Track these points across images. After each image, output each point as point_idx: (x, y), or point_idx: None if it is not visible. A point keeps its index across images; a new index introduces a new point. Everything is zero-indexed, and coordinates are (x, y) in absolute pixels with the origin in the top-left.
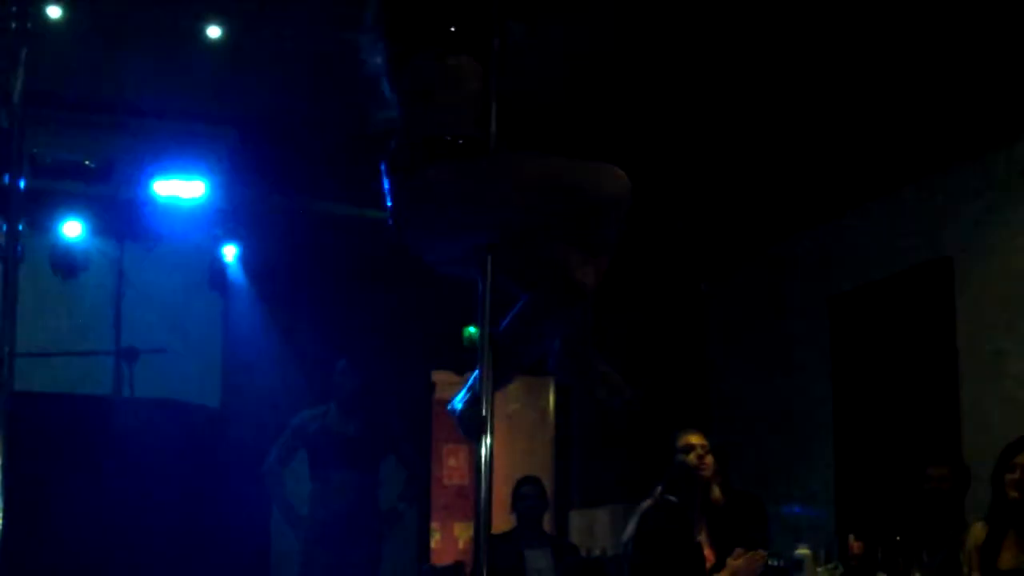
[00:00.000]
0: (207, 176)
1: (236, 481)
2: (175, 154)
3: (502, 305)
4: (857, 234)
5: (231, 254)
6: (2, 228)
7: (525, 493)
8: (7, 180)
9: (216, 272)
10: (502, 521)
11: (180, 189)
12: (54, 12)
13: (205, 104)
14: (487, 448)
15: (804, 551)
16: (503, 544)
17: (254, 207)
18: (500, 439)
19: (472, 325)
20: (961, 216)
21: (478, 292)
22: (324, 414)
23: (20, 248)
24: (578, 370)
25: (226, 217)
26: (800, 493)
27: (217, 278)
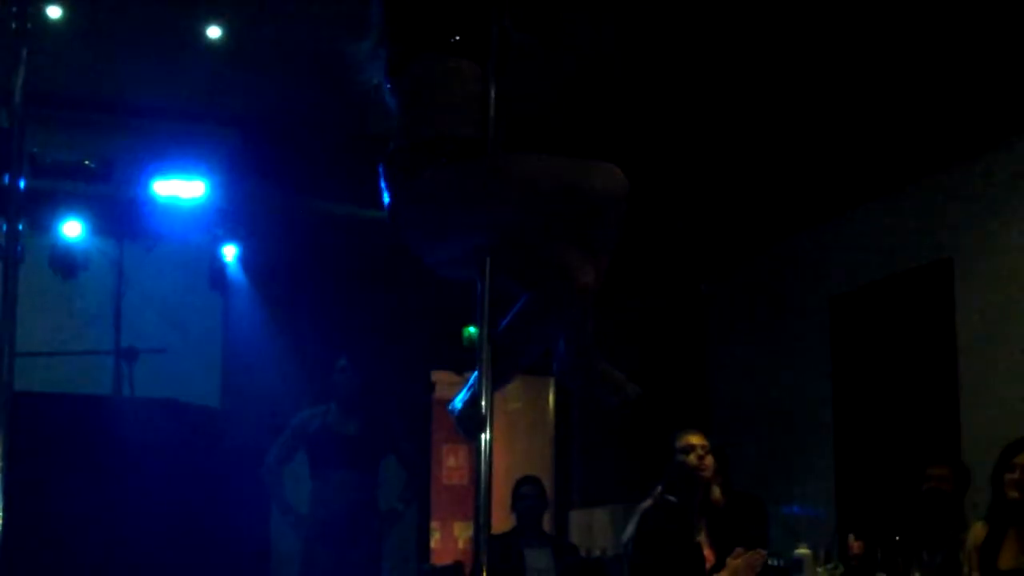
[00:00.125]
0: (207, 176)
1: (236, 480)
2: (175, 154)
3: (502, 305)
4: (857, 234)
5: (231, 254)
6: (2, 228)
7: (525, 493)
8: (7, 180)
9: (216, 272)
10: (502, 521)
11: (180, 189)
12: (54, 12)
13: (205, 104)
14: (487, 448)
15: (804, 551)
16: (503, 544)
17: (254, 207)
18: (500, 439)
19: (472, 325)
20: (961, 216)
21: (478, 292)
22: (324, 413)
23: (20, 248)
24: (582, 371)
25: (226, 217)
26: (800, 493)
27: (217, 278)
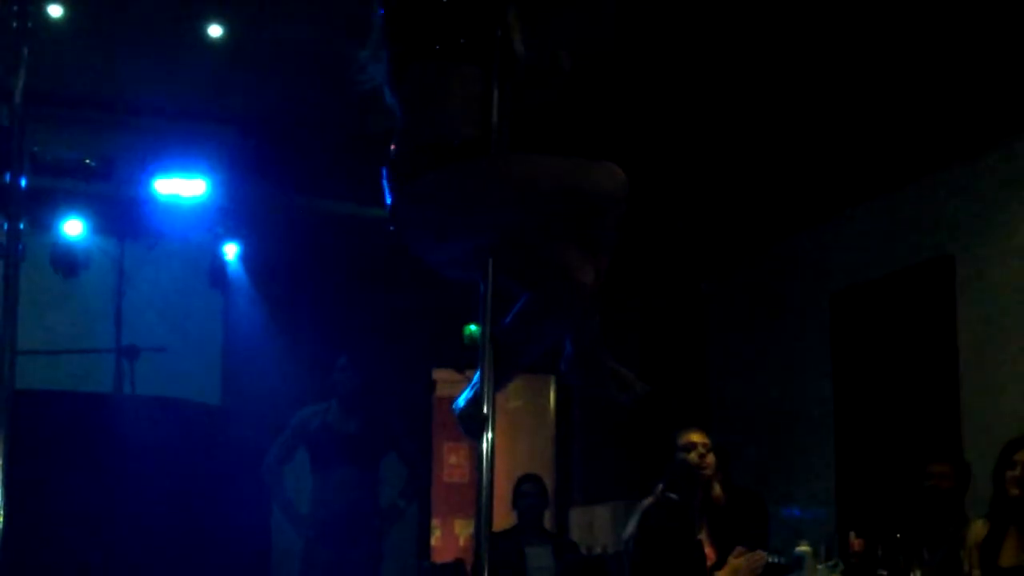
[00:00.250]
0: (208, 174)
1: (237, 479)
2: (176, 152)
3: (502, 304)
4: (858, 233)
5: (232, 252)
6: (3, 226)
7: (526, 491)
8: (8, 178)
9: (217, 270)
10: (503, 518)
11: (181, 187)
12: (55, 11)
13: (206, 102)
14: (488, 446)
15: (805, 548)
16: (504, 541)
17: (255, 205)
18: (501, 437)
19: (472, 323)
20: (962, 214)
21: (479, 292)
22: (325, 411)
23: (21, 246)
24: (590, 369)
25: (227, 215)
26: (800, 492)
27: (218, 276)
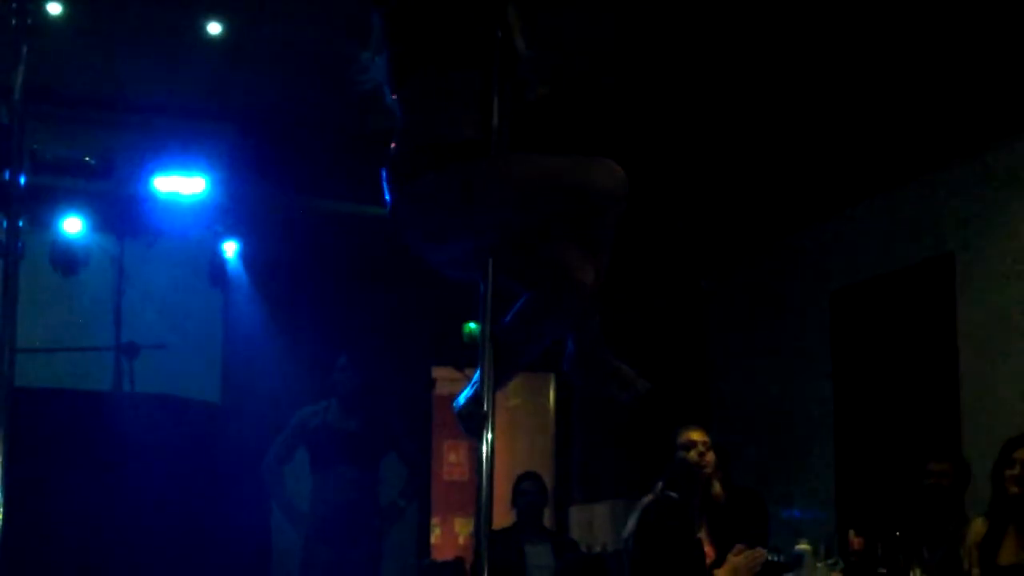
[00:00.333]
0: (207, 172)
1: (236, 477)
2: (175, 150)
3: (502, 303)
4: (858, 231)
5: (231, 250)
6: (2, 224)
7: (525, 489)
8: (7, 176)
9: (216, 268)
10: (502, 517)
11: (180, 185)
12: (55, 8)
13: (205, 100)
14: (488, 445)
15: (804, 546)
16: (503, 540)
17: (254, 203)
18: (501, 435)
19: (472, 321)
20: (962, 212)
21: (479, 291)
22: (325, 410)
23: (21, 244)
24: (591, 368)
25: (226, 213)
26: (800, 490)
27: (217, 274)
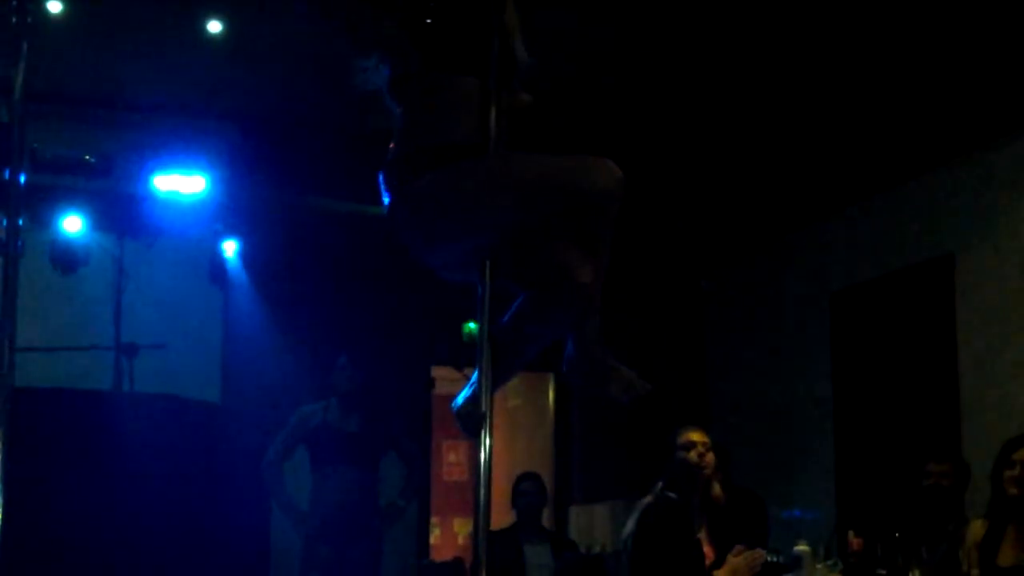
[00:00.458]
0: (207, 171)
1: (236, 477)
2: (175, 149)
3: (501, 302)
4: (858, 231)
5: (231, 249)
6: (2, 223)
7: (525, 489)
8: (7, 175)
9: (216, 267)
10: (502, 517)
11: (180, 184)
12: (55, 7)
13: (205, 99)
14: (486, 445)
15: (803, 547)
16: (502, 540)
17: (254, 202)
18: (500, 435)
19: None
20: (962, 212)
21: (478, 294)
22: (324, 410)
23: (20, 243)
24: (590, 369)
25: (226, 212)
26: (800, 491)
27: (217, 273)
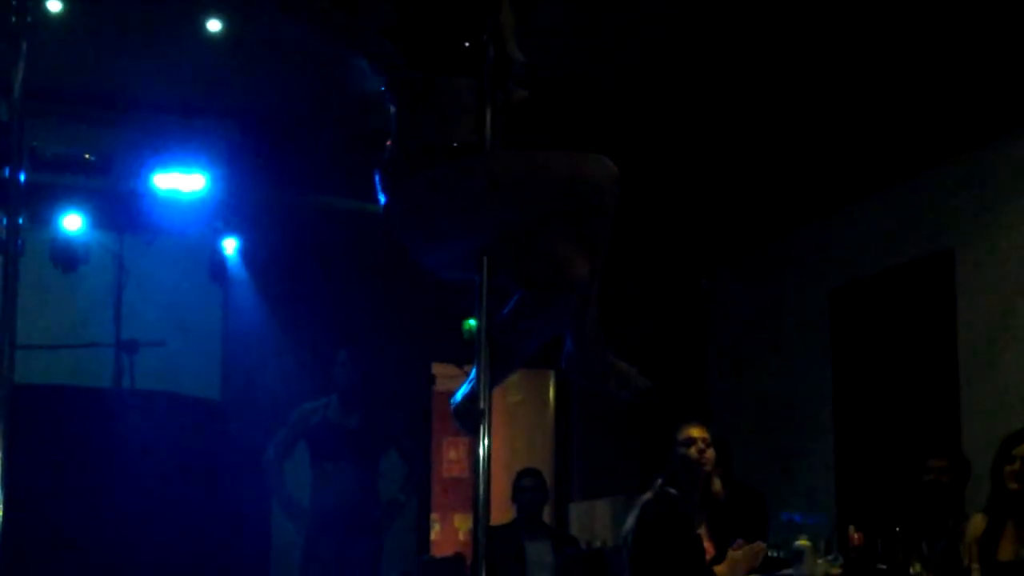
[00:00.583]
0: (207, 169)
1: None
2: (175, 147)
3: (500, 299)
4: (857, 228)
5: (231, 247)
6: (2, 221)
7: (525, 485)
8: (7, 173)
9: (216, 265)
10: (502, 513)
11: (180, 182)
12: (55, 6)
13: (205, 97)
14: (485, 442)
15: (804, 543)
16: (503, 536)
17: (254, 200)
18: (500, 431)
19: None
20: (962, 209)
21: (476, 291)
22: (325, 407)
23: (21, 241)
24: (590, 365)
25: (226, 210)
26: (800, 487)
27: (217, 271)
